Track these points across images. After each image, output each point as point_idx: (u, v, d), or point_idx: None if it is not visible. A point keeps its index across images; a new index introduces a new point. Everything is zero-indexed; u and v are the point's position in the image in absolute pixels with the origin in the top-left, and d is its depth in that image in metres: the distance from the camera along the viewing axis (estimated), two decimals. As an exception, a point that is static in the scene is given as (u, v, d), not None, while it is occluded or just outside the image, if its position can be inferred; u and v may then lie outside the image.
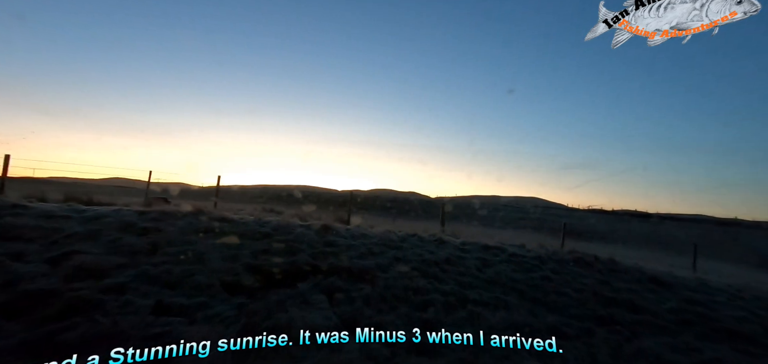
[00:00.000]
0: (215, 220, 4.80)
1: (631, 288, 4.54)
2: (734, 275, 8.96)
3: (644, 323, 3.89)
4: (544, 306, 3.90)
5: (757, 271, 15.25)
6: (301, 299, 3.33)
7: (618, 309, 4.06)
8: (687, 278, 5.29)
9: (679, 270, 7.39)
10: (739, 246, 24.18)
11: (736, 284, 5.54)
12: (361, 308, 3.38)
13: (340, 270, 3.95)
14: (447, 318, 3.39)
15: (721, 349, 3.57)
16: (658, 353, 3.36)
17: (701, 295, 4.62)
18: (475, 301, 3.75)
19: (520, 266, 4.74)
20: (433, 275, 4.16)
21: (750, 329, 3.97)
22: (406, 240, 5.15)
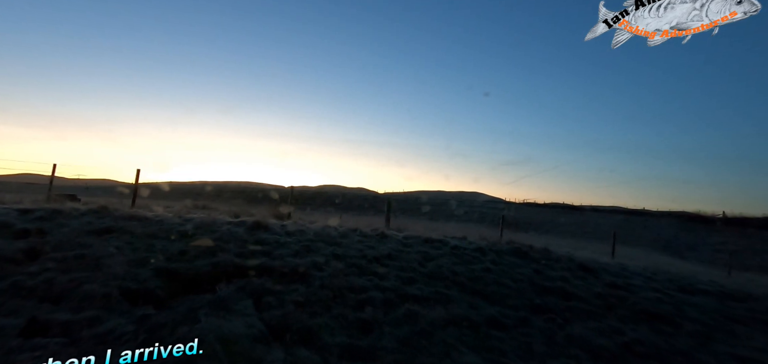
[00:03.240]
0: (123, 219, 4.13)
1: (563, 276, 4.72)
2: (645, 259, 10.02)
3: (573, 309, 4.04)
4: (484, 298, 3.87)
5: (663, 254, 17.43)
6: (220, 305, 2.92)
7: (552, 297, 4.18)
8: (609, 264, 5.68)
9: (601, 256, 8.03)
10: (648, 233, 27.51)
11: (650, 268, 6.09)
12: (292, 311, 3.06)
13: (270, 270, 3.57)
14: (386, 317, 3.20)
15: (640, 330, 3.81)
16: (587, 339, 3.48)
17: (621, 279, 4.96)
18: (414, 297, 3.60)
19: (461, 259, 4.71)
20: (373, 271, 3.95)
21: (665, 309, 4.32)
22: (347, 236, 4.89)
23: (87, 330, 2.41)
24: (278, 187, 50.47)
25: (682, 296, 4.78)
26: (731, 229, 29.31)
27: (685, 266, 11.14)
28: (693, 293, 4.95)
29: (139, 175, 7.87)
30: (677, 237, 25.86)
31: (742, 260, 18.13)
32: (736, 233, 28.10)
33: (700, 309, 4.46)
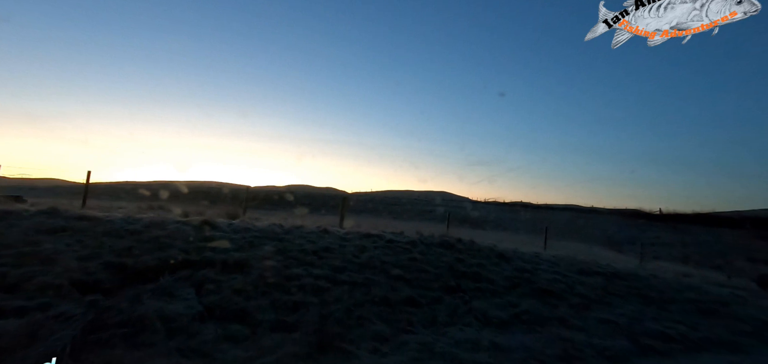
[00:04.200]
0: (73, 218, 4.41)
1: (480, 263, 5.47)
2: (575, 250, 11.18)
3: (482, 289, 4.78)
4: (405, 282, 4.52)
5: (600, 247, 19.11)
6: (164, 291, 3.35)
7: (465, 280, 4.90)
8: (526, 253, 6.54)
9: (533, 248, 8.98)
10: (595, 229, 29.77)
11: (561, 256, 7.03)
12: (229, 296, 3.54)
13: (213, 263, 4.02)
14: (314, 299, 3.75)
15: (533, 303, 4.60)
16: (485, 311, 4.21)
17: (531, 265, 5.80)
18: (344, 282, 4.18)
19: (393, 251, 5.34)
20: (310, 262, 4.48)
21: (557, 287, 5.17)
22: (291, 232, 5.39)
23: (40, 314, 2.79)
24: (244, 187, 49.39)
25: (577, 277, 5.69)
26: (666, 224, 32.41)
27: (610, 256, 12.51)
28: (589, 275, 5.89)
29: (89, 176, 7.92)
30: (619, 232, 28.23)
31: (660, 251, 20.27)
32: (669, 227, 31.12)
33: (588, 286, 5.37)
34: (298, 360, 2.73)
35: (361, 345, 3.11)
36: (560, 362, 3.32)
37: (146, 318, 2.84)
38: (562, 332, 3.97)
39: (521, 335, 3.78)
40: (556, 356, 3.38)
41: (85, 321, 2.75)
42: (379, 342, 3.23)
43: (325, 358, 2.80)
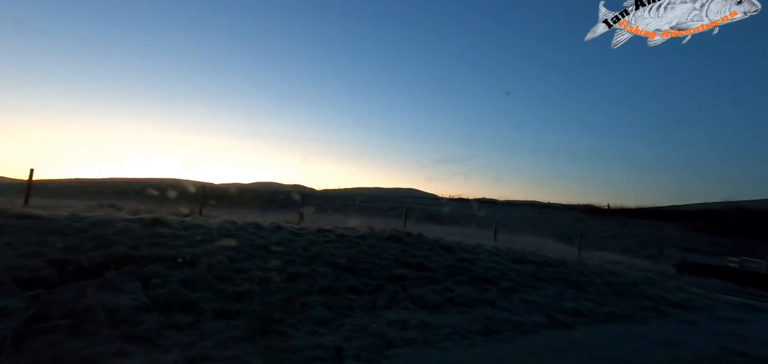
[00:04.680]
0: (14, 217, 4.37)
1: (424, 254, 5.92)
2: (525, 243, 12.06)
3: (424, 277, 5.22)
4: (351, 273, 4.86)
5: (551, 240, 20.52)
6: (109, 285, 3.48)
7: (409, 269, 5.32)
8: (470, 245, 7.10)
9: (484, 241, 9.63)
10: (550, 224, 31.66)
11: (501, 247, 7.66)
12: (176, 288, 3.71)
13: (162, 258, 4.16)
14: (260, 290, 4.00)
15: (467, 288, 5.10)
16: (423, 296, 4.65)
17: (471, 255, 6.33)
18: (292, 274, 4.46)
19: (343, 245, 5.67)
20: (259, 256, 4.72)
21: (492, 274, 5.71)
22: (244, 228, 5.57)
23: (-21, 308, 2.86)
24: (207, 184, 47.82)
25: (511, 265, 6.29)
26: (613, 218, 35.07)
27: (555, 247, 13.54)
28: (522, 263, 6.51)
29: (32, 174, 7.62)
30: (571, 226, 30.21)
31: (605, 243, 22.03)
32: (616, 221, 33.73)
33: (519, 273, 5.97)
34: (238, 342, 3.00)
35: (301, 328, 3.42)
36: (480, 335, 3.80)
37: (90, 310, 2.99)
38: (488, 312, 4.47)
39: (451, 316, 4.24)
40: (476, 331, 3.86)
41: (27, 314, 2.86)
42: (318, 325, 3.55)
43: (264, 339, 3.08)
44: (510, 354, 3.36)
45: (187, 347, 2.86)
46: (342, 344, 3.17)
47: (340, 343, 3.20)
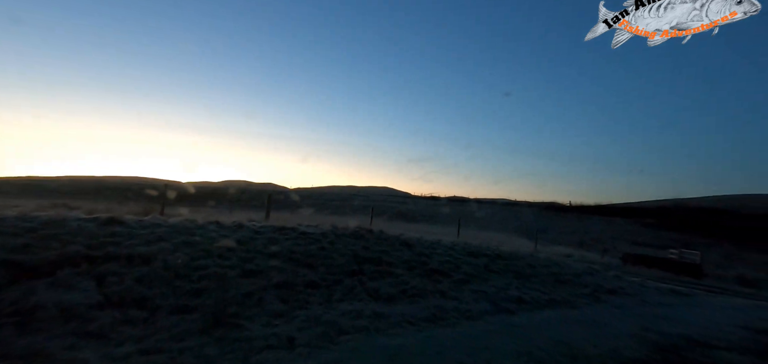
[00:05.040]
0: (-45, 218, 4.24)
1: (384, 250, 6.20)
2: (487, 238, 12.65)
3: (381, 271, 5.49)
4: (310, 268, 5.05)
5: (513, 235, 21.50)
6: (62, 284, 3.49)
7: (368, 264, 5.57)
8: (429, 240, 7.46)
9: (446, 237, 10.05)
10: (515, 220, 33.04)
11: (458, 242, 8.08)
12: (132, 285, 3.77)
13: (117, 257, 4.18)
14: (217, 286, 4.12)
15: (421, 281, 5.42)
16: (378, 288, 4.91)
17: (429, 250, 6.68)
18: (250, 271, 4.59)
19: (304, 242, 5.84)
20: (218, 254, 4.80)
21: (447, 267, 6.07)
22: (204, 227, 5.62)
23: None
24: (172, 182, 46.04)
25: (466, 258, 6.69)
26: (574, 214, 37.08)
27: (514, 242, 14.27)
28: (476, 256, 6.94)
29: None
30: (535, 222, 31.70)
31: (563, 238, 23.35)
32: (575, 217, 35.73)
33: (472, 266, 6.38)
34: (193, 334, 3.13)
35: (256, 320, 3.59)
36: (427, 322, 4.11)
37: (40, 307, 3.03)
38: (438, 302, 4.81)
39: (403, 306, 4.53)
40: (424, 318, 4.17)
41: (-28, 313, 2.87)
42: (273, 317, 3.73)
43: (218, 331, 3.24)
44: (451, 337, 3.69)
45: (140, 340, 2.97)
46: (294, 334, 3.38)
47: (292, 333, 3.40)
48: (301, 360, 2.92)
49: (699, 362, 3.67)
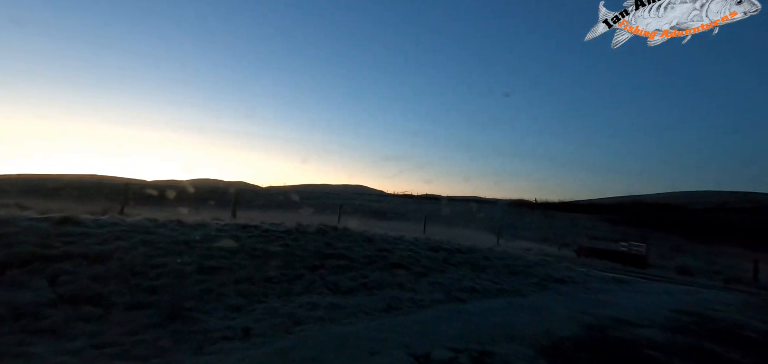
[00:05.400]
0: None
1: (347, 246, 6.41)
2: (452, 234, 13.14)
3: (343, 266, 5.70)
4: (271, 264, 5.18)
5: (480, 231, 22.32)
6: (10, 284, 3.48)
7: (329, 260, 5.76)
8: (392, 236, 7.75)
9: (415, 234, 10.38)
10: (484, 216, 34.11)
11: (420, 237, 8.43)
12: (86, 284, 3.79)
13: (71, 256, 4.16)
14: (176, 282, 4.19)
15: (381, 274, 5.68)
16: (339, 282, 5.13)
17: (391, 245, 6.96)
18: (211, 267, 4.68)
19: (267, 239, 5.95)
20: (178, 252, 4.86)
21: (407, 261, 6.37)
22: (164, 225, 5.62)
23: None
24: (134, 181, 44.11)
25: (426, 253, 7.03)
26: (540, 211, 38.78)
27: (479, 237, 14.87)
28: (436, 251, 7.29)
29: None
30: (503, 219, 32.93)
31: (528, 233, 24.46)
32: (542, 214, 37.39)
33: (431, 259, 6.71)
34: (148, 328, 3.23)
35: (214, 314, 3.71)
36: (382, 312, 4.37)
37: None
38: (395, 293, 5.08)
39: (360, 298, 4.77)
40: (380, 308, 4.43)
41: None
42: (231, 311, 3.86)
43: (174, 324, 3.35)
44: (401, 323, 3.96)
45: (94, 335, 3.03)
46: (251, 325, 3.54)
47: (249, 324, 3.56)
48: (254, 349, 3.09)
49: (619, 338, 4.15)
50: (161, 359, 2.79)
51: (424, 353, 3.24)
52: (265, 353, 3.02)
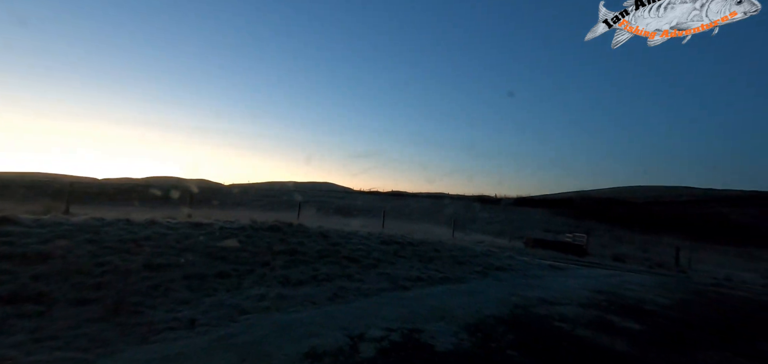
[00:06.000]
0: None
1: (300, 241, 6.66)
2: (409, 229, 13.69)
3: (295, 260, 5.95)
4: (222, 260, 5.34)
5: (439, 225, 23.19)
6: (-58, 285, 3.44)
7: (281, 255, 5.99)
8: (346, 231, 8.07)
9: (368, 229, 10.76)
10: (446, 212, 35.28)
11: (374, 232, 8.82)
12: (27, 283, 3.80)
13: (10, 256, 4.13)
14: (123, 280, 4.27)
15: (332, 267, 5.98)
16: (289, 275, 5.37)
17: (344, 240, 7.28)
18: (159, 264, 4.77)
19: (220, 236, 6.07)
20: (126, 250, 4.90)
21: (358, 254, 6.72)
22: (112, 224, 5.59)
23: None
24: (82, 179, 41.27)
25: (378, 246, 7.42)
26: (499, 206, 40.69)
27: (437, 231, 15.54)
28: (388, 244, 7.71)
29: None
30: (464, 214, 34.23)
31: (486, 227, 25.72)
32: (500, 208, 39.30)
33: (382, 252, 7.11)
34: (92, 322, 3.34)
35: (160, 308, 3.85)
36: (327, 301, 4.68)
37: None
38: (343, 284, 5.41)
39: (309, 289, 5.05)
40: (326, 298, 4.74)
41: None
42: (178, 304, 4.01)
43: (119, 318, 3.47)
44: (344, 310, 4.30)
45: (35, 330, 3.12)
46: (197, 317, 3.73)
47: (195, 316, 3.74)
48: (198, 337, 3.30)
49: (538, 314, 4.73)
50: (104, 349, 2.94)
51: (360, 332, 3.60)
52: (209, 339, 3.25)
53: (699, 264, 15.33)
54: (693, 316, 5.73)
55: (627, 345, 3.88)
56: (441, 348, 3.38)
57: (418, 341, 3.50)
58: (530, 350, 3.49)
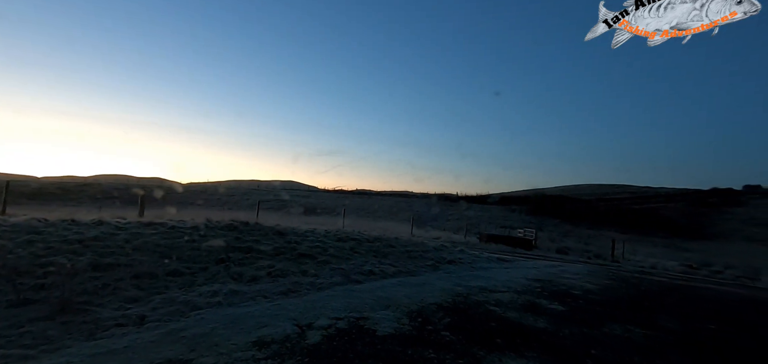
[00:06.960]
0: None
1: (256, 239, 6.78)
2: (371, 226, 14.05)
3: (250, 258, 6.08)
4: (175, 259, 5.38)
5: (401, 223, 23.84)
6: None
7: (236, 253, 6.09)
8: (302, 229, 8.27)
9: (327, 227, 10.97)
10: (411, 209, 36.13)
11: (331, 230, 9.08)
12: (-39, 286, 3.69)
13: (-60, 259, 3.97)
14: (70, 280, 4.23)
15: (287, 264, 6.18)
16: (245, 273, 5.51)
17: (301, 237, 7.48)
18: (108, 264, 4.75)
19: (172, 236, 6.07)
20: (72, 251, 4.83)
21: (314, 251, 6.95)
22: (56, 225, 5.44)
23: None
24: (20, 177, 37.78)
25: (334, 243, 7.68)
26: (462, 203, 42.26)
27: (398, 228, 16.04)
28: (344, 241, 8.00)
29: None
30: (428, 212, 35.27)
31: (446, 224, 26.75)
32: (462, 206, 40.88)
33: (338, 249, 7.39)
34: (35, 321, 3.35)
35: (108, 306, 3.90)
36: (280, 295, 4.89)
37: None
38: (297, 279, 5.63)
39: (263, 285, 5.23)
40: (278, 293, 4.94)
41: None
42: (128, 302, 4.07)
43: (65, 316, 3.50)
44: (295, 303, 4.54)
45: (-27, 331, 3.09)
46: (147, 313, 3.82)
47: (145, 313, 3.83)
48: (147, 331, 3.42)
49: (476, 300, 5.23)
50: (49, 346, 3.00)
51: (309, 322, 3.86)
52: (158, 333, 3.38)
53: (632, 255, 16.98)
54: (611, 298, 6.53)
55: (546, 323, 4.44)
56: (382, 332, 3.73)
57: (362, 328, 3.83)
58: (461, 330, 3.93)
